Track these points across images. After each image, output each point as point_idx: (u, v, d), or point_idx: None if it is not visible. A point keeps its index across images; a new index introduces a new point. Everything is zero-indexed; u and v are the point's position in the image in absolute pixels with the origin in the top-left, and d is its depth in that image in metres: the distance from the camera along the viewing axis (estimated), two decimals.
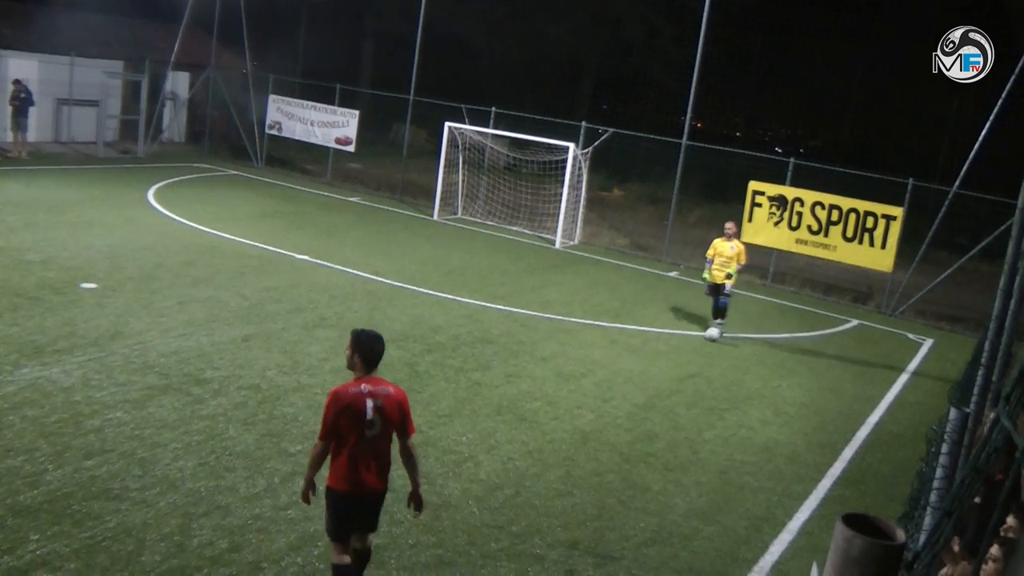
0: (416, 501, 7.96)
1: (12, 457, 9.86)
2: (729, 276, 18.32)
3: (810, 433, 13.93)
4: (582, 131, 27.47)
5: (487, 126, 29.42)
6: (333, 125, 32.62)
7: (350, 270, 20.09)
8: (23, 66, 30.85)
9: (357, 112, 32.58)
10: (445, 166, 29.14)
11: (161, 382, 12.46)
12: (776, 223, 24.74)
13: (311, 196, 30.39)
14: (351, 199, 30.95)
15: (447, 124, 29.05)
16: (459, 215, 29.66)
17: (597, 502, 10.61)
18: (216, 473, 10.10)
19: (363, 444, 7.56)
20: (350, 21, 48.28)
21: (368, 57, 48.67)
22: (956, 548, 6.72)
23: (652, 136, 28.53)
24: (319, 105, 33.23)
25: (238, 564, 8.41)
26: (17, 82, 29.54)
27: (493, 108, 29.57)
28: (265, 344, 14.57)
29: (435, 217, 28.93)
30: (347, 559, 7.77)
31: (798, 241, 24.51)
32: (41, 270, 16.77)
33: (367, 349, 7.86)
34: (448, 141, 29.08)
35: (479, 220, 29.29)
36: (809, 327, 21.05)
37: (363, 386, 7.64)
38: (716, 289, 18.46)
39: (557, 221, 27.04)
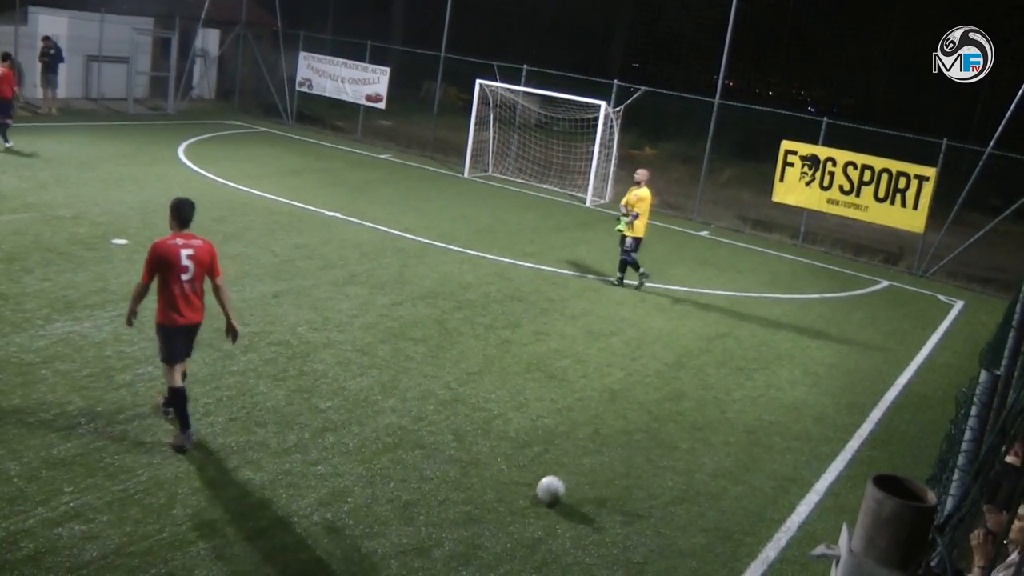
0: (232, 332, 9.91)
1: (45, 410, 10.01)
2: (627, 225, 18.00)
3: (838, 394, 13.92)
4: (614, 89, 27.31)
5: (519, 84, 29.28)
6: (364, 82, 32.57)
7: (380, 227, 20.14)
8: (53, 23, 30.92)
9: (388, 69, 32.53)
10: (476, 123, 29.07)
11: None
12: (808, 183, 24.58)
13: (341, 153, 30.44)
14: (381, 156, 30.96)
15: (478, 81, 28.94)
16: (490, 173, 29.63)
17: (625, 460, 10.67)
18: (247, 428, 10.21)
19: (180, 286, 9.46)
20: None
21: (399, 14, 48.48)
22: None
23: (684, 95, 28.32)
24: (350, 62, 33.18)
25: (268, 519, 8.52)
26: (47, 39, 29.62)
27: (525, 66, 29.40)
28: (295, 300, 14.66)
29: (465, 175, 28.91)
30: (180, 382, 9.59)
31: (829, 201, 24.35)
32: (72, 226, 16.91)
33: (177, 210, 9.73)
34: (479, 98, 28.98)
35: (510, 178, 29.25)
36: (839, 287, 20.95)
37: (177, 240, 9.54)
38: (635, 242, 18.14)
39: (588, 179, 26.96)
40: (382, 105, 32.62)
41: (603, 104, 26.46)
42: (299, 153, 29.16)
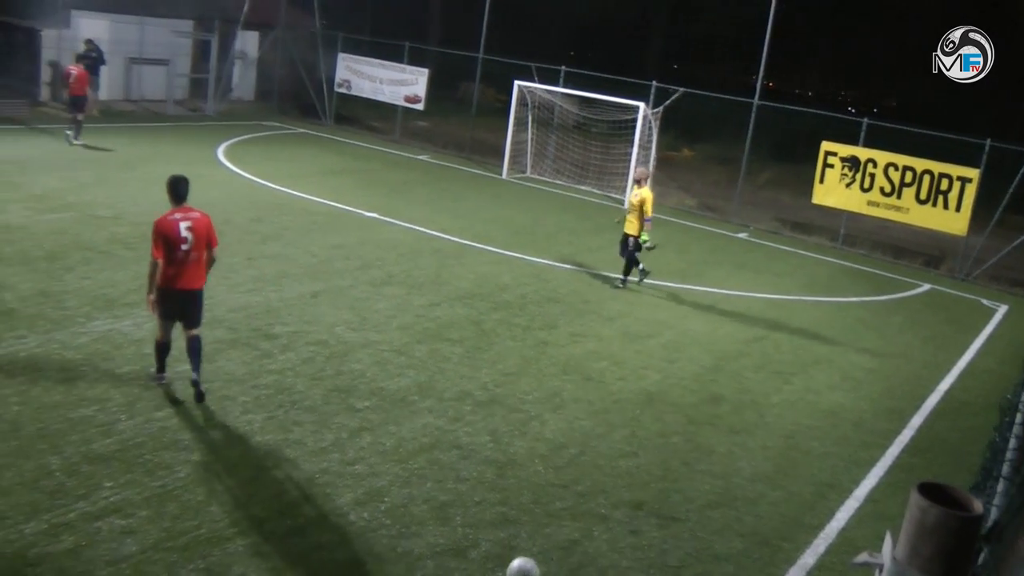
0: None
1: (86, 406, 10.12)
2: (639, 230, 17.57)
3: (877, 399, 13.78)
4: (652, 90, 27.22)
5: (557, 85, 29.25)
6: (402, 83, 32.66)
7: (418, 227, 20.17)
8: (95, 26, 31.24)
9: (426, 70, 32.59)
10: (514, 124, 29.07)
11: (230, 336, 12.66)
12: (848, 184, 24.39)
13: (379, 154, 30.54)
14: (419, 157, 31.02)
15: (517, 83, 28.94)
16: (527, 174, 29.62)
17: (662, 463, 10.62)
18: (284, 427, 10.26)
19: (182, 255, 10.36)
20: None
21: (437, 15, 48.59)
22: None
23: (723, 95, 28.17)
24: (388, 63, 33.28)
25: (305, 517, 8.55)
26: (89, 41, 29.92)
27: (563, 67, 29.37)
28: (333, 300, 14.72)
29: (503, 176, 28.93)
30: (164, 338, 10.69)
31: (870, 203, 24.15)
32: (112, 225, 17.06)
33: (172, 187, 10.68)
34: (518, 100, 28.97)
35: (547, 179, 29.23)
36: (879, 291, 20.77)
37: (176, 214, 10.46)
38: (635, 241, 17.69)
39: (626, 181, 26.86)
40: (420, 106, 32.69)
41: (641, 105, 26.38)
42: (337, 154, 29.29)
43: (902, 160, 23.68)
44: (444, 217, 21.64)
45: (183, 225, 10.38)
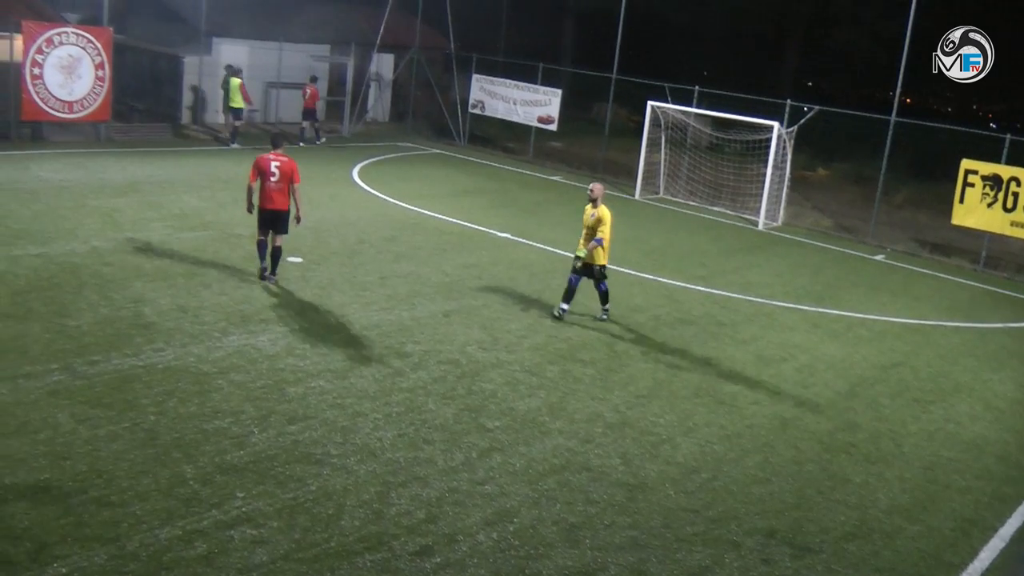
0: (296, 218, 15.55)
1: (220, 418, 10.51)
2: (589, 252, 15.30)
3: (1023, 431, 13.33)
4: (787, 109, 26.85)
5: (690, 105, 29.10)
6: (535, 104, 32.89)
7: (550, 248, 20.29)
8: (235, 52, 32.33)
9: (559, 91, 32.73)
10: (647, 145, 29.01)
11: (362, 354, 12.97)
12: (990, 204, 23.64)
13: (512, 174, 30.81)
14: (552, 177, 31.19)
15: (650, 103, 28.89)
16: (660, 195, 29.51)
17: (796, 491, 10.49)
18: (415, 445, 10.46)
19: (271, 185, 15.22)
20: None
21: (570, 35, 48.79)
22: None
23: (859, 113, 27.64)
24: (521, 84, 33.55)
25: (434, 535, 8.69)
26: (229, 67, 30.94)
27: (696, 87, 29.20)
28: (465, 320, 14.93)
29: (636, 196, 28.88)
30: (261, 238, 15.55)
31: (1013, 224, 23.35)
32: (249, 244, 17.52)
33: (273, 138, 16.06)
34: (651, 120, 28.92)
35: (681, 200, 29.08)
36: (1023, 316, 20.10)
37: (271, 155, 15.32)
38: (587, 268, 15.49)
39: (760, 201, 26.58)
40: (553, 127, 32.85)
41: (776, 125, 26.06)
42: (470, 174, 29.66)
43: None
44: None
45: (274, 164, 15.19)
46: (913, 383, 14.68)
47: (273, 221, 15.34)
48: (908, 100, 39.60)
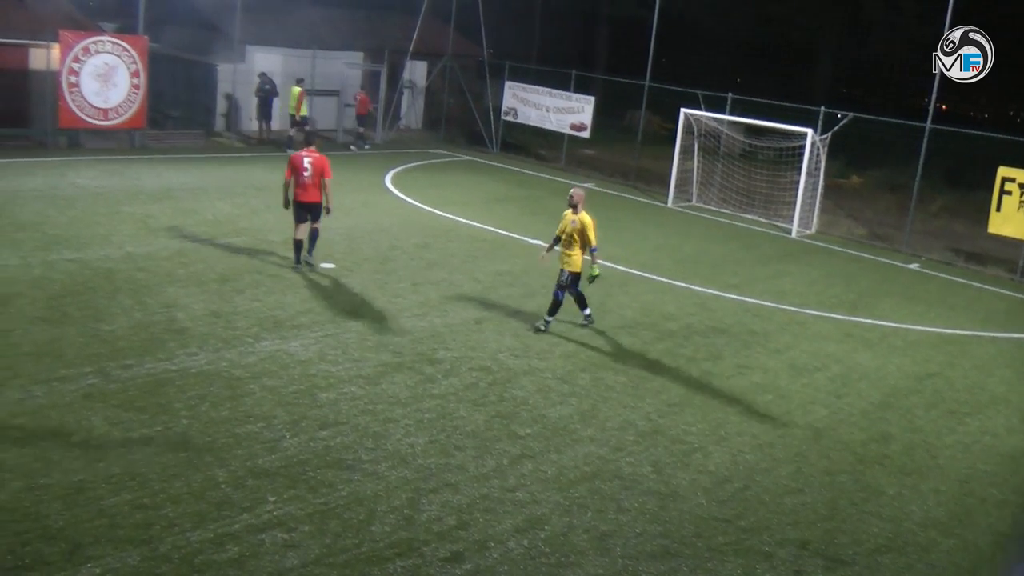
0: (326, 209, 16.89)
1: (252, 423, 10.59)
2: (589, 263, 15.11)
3: None
4: (820, 116, 26.68)
5: (723, 112, 28.99)
6: (568, 111, 32.88)
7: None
8: (268, 59, 32.56)
9: (592, 98, 32.73)
10: (680, 152, 28.93)
11: (394, 360, 13.01)
12: None
13: (545, 181, 30.80)
14: (585, 184, 31.05)
15: (683, 110, 28.82)
16: (693, 202, 29.41)
17: (828, 502, 10.41)
18: (446, 451, 10.49)
19: (305, 179, 16.55)
20: (585, 6, 48.50)
21: (603, 43, 48.80)
22: None
23: (894, 120, 27.43)
24: (554, 91, 33.56)
25: (464, 542, 8.71)
26: (263, 75, 31.18)
27: (730, 94, 29.09)
28: (497, 327, 14.94)
29: (669, 204, 28.80)
30: (299, 236, 16.77)
31: None
32: (282, 249, 17.73)
33: (306, 137, 17.44)
34: (683, 127, 28.85)
35: (713, 207, 28.96)
36: None
37: (304, 152, 16.61)
38: (575, 277, 15.13)
39: (793, 209, 26.43)
40: (586, 134, 32.85)
41: (809, 132, 25.91)
42: (503, 181, 29.69)
43: None
44: (609, 245, 21.57)
45: (306, 160, 16.50)
46: (948, 394, 14.53)
47: (310, 211, 16.76)
48: (944, 107, 39.29)
